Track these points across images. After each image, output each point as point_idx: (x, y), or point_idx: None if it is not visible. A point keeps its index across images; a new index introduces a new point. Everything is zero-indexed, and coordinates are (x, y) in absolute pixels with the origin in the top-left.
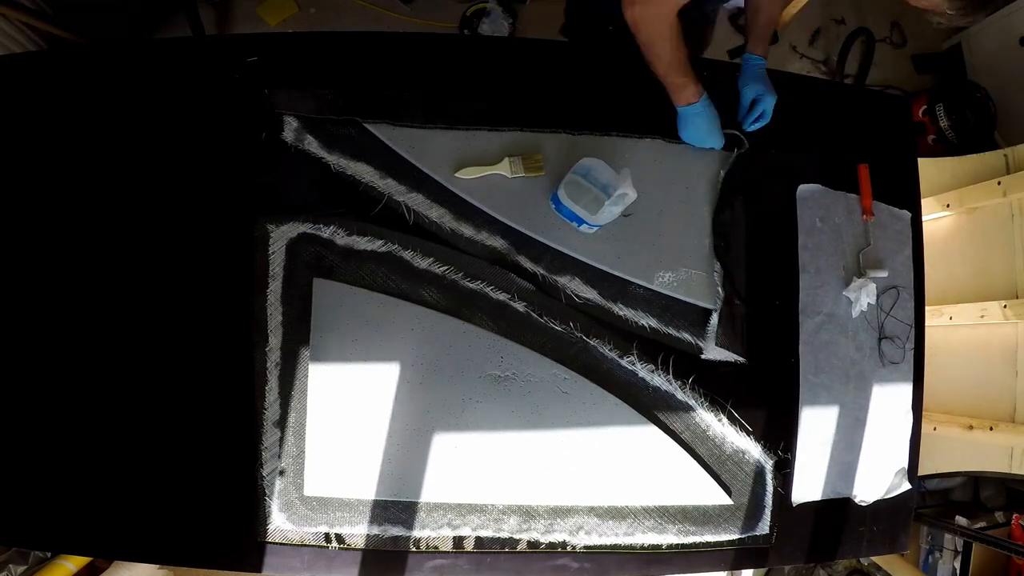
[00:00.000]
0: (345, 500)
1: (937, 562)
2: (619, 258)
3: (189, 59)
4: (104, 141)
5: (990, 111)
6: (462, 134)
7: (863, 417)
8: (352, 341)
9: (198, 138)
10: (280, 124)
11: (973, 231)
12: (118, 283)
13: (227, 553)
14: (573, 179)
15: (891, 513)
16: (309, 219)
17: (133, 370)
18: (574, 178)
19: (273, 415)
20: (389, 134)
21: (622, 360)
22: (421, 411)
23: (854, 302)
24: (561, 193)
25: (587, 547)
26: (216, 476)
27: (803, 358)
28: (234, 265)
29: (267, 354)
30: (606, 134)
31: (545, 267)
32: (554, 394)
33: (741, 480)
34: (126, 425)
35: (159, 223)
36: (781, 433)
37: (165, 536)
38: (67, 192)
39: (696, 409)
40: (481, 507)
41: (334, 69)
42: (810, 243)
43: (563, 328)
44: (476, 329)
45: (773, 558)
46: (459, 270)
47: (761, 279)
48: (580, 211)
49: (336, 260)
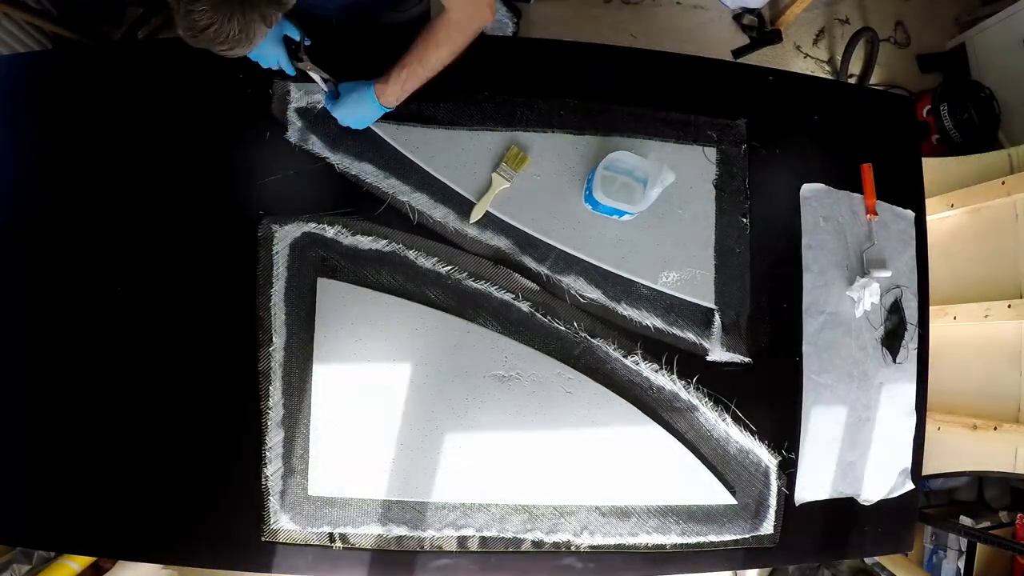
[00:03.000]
0: (349, 500)
1: (941, 562)
2: (623, 258)
3: (193, 59)
4: (108, 141)
5: (994, 111)
6: (466, 134)
7: (867, 417)
8: (356, 341)
9: (202, 138)
10: (284, 124)
11: (977, 231)
12: (121, 283)
13: (231, 553)
14: (606, 175)
15: (895, 513)
16: (313, 219)
17: (137, 370)
18: (606, 174)
19: (277, 415)
20: (393, 134)
21: (626, 360)
22: (425, 411)
23: (857, 302)
24: (598, 193)
25: (591, 547)
26: (220, 476)
27: (807, 358)
28: (238, 265)
29: (271, 354)
30: (609, 134)
31: (549, 267)
32: (558, 394)
33: (745, 480)
34: (130, 425)
35: (163, 223)
36: (785, 433)
37: (169, 536)
38: (72, 192)
39: (700, 409)
40: (485, 507)
41: (336, 69)
42: (814, 243)
43: (567, 328)
44: (480, 329)
45: (777, 558)
46: (463, 270)
47: (765, 279)
48: (621, 204)
49: (340, 260)
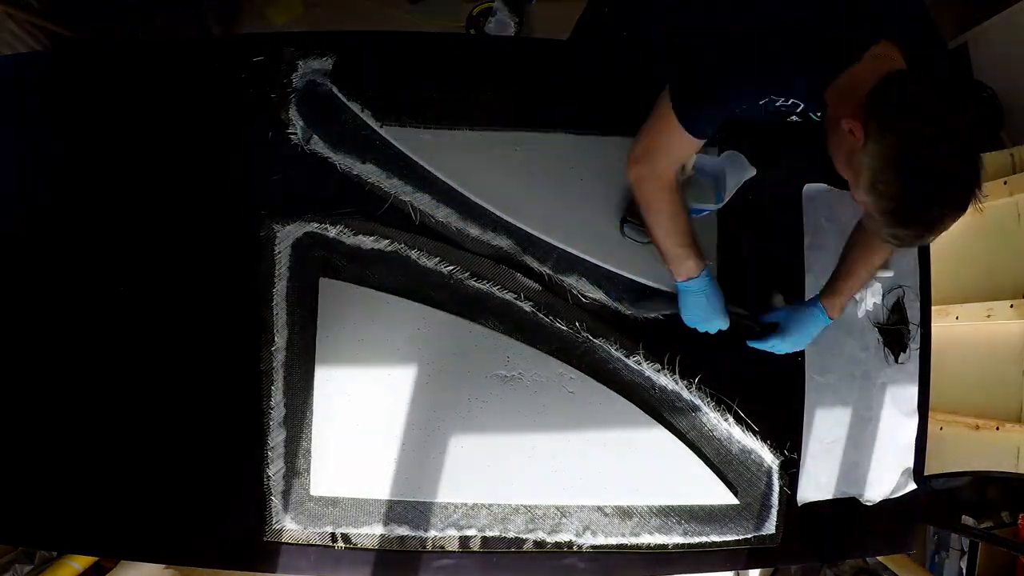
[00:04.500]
0: (351, 500)
1: (944, 562)
2: (626, 258)
3: (195, 59)
4: (110, 141)
5: (997, 111)
6: (468, 134)
7: (869, 417)
8: (358, 341)
9: (204, 138)
10: (286, 124)
11: (979, 230)
12: (124, 283)
13: (233, 553)
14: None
15: (897, 513)
16: (315, 219)
17: (139, 370)
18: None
19: (279, 415)
20: (395, 134)
21: (628, 360)
22: (427, 411)
23: (860, 302)
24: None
25: (593, 547)
26: (222, 476)
27: (809, 358)
28: (240, 265)
29: (273, 354)
30: (611, 135)
31: (552, 267)
32: (560, 394)
33: (747, 480)
34: (132, 424)
35: (165, 223)
36: (787, 433)
37: (171, 536)
38: (73, 192)
39: (702, 409)
40: (487, 507)
41: (339, 69)
42: (816, 243)
43: (569, 328)
44: (482, 329)
45: (779, 558)
46: (465, 270)
47: (767, 279)
48: (708, 206)
49: (342, 260)
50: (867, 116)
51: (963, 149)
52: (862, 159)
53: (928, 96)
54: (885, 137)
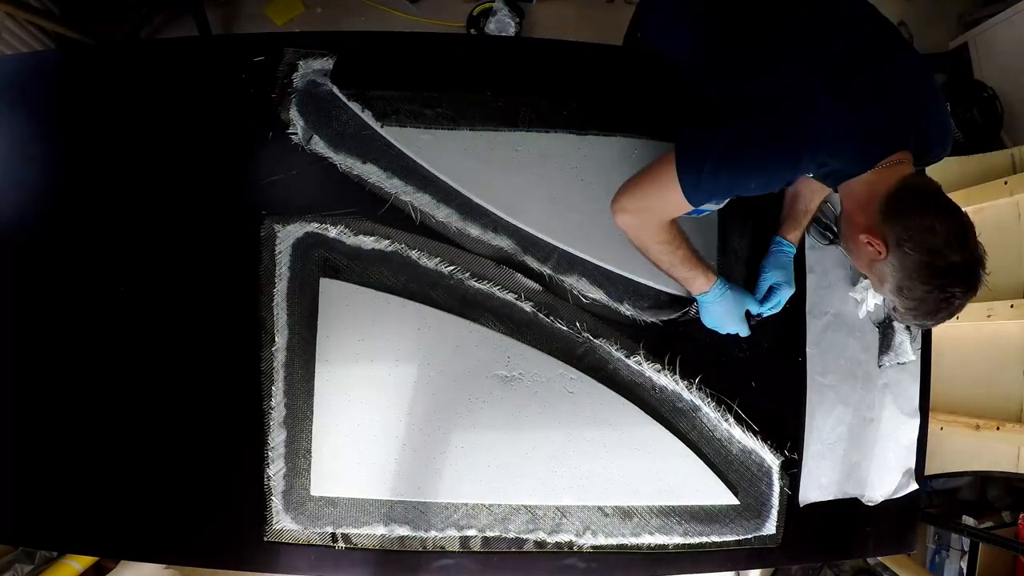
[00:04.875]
0: (351, 500)
1: (944, 562)
2: (626, 258)
3: (196, 59)
4: (110, 141)
5: (997, 110)
6: (468, 134)
7: (870, 417)
8: (358, 341)
9: (205, 138)
10: (287, 124)
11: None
12: (124, 283)
13: (233, 553)
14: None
15: (898, 513)
16: (316, 219)
17: (139, 370)
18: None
19: (279, 415)
20: (396, 134)
21: (629, 360)
22: (427, 411)
23: (861, 302)
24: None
25: (593, 547)
26: (222, 476)
27: (810, 358)
28: (241, 265)
29: (273, 354)
30: (612, 134)
31: (552, 267)
32: (560, 394)
33: (748, 480)
34: (132, 425)
35: (166, 223)
36: (788, 433)
37: (171, 536)
38: (74, 192)
39: (703, 409)
40: (488, 507)
41: (339, 69)
42: (817, 244)
43: (570, 328)
44: (483, 329)
45: (780, 558)
46: (466, 270)
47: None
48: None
49: (343, 260)
50: (885, 231)
51: (969, 237)
52: (885, 268)
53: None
54: (907, 255)
